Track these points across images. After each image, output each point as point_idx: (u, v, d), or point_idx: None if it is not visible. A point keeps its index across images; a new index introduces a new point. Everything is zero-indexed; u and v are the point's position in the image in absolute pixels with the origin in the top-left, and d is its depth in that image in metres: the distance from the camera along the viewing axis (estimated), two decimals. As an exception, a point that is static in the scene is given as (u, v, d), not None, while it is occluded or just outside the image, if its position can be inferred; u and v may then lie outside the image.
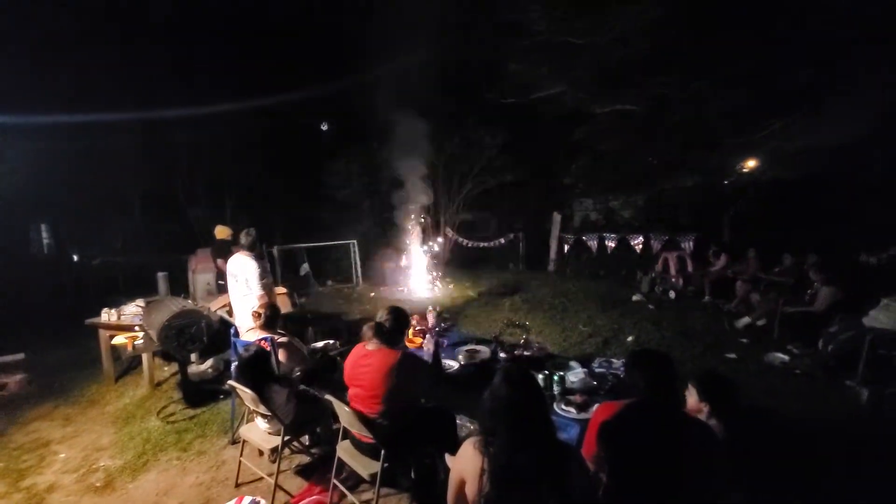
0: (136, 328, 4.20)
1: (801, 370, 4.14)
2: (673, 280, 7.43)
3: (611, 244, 9.49)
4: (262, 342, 3.05)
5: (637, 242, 9.13)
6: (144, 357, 4.27)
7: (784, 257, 6.11)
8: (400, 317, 2.56)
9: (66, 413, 4.02)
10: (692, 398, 2.05)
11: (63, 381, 4.74)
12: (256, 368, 2.78)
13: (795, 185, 8.21)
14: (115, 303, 4.72)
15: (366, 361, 2.37)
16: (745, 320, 5.32)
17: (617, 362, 3.01)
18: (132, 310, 4.55)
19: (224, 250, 5.94)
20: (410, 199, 9.42)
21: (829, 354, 4.13)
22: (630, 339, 5.26)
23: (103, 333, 4.47)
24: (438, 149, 9.85)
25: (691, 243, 8.13)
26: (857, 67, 6.57)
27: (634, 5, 6.65)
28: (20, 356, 5.45)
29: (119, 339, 4.22)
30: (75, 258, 10.89)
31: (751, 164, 8.80)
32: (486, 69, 9.44)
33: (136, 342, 4.04)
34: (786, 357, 4.39)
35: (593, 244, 9.75)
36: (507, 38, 8.07)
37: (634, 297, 7.12)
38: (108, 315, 4.47)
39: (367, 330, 2.44)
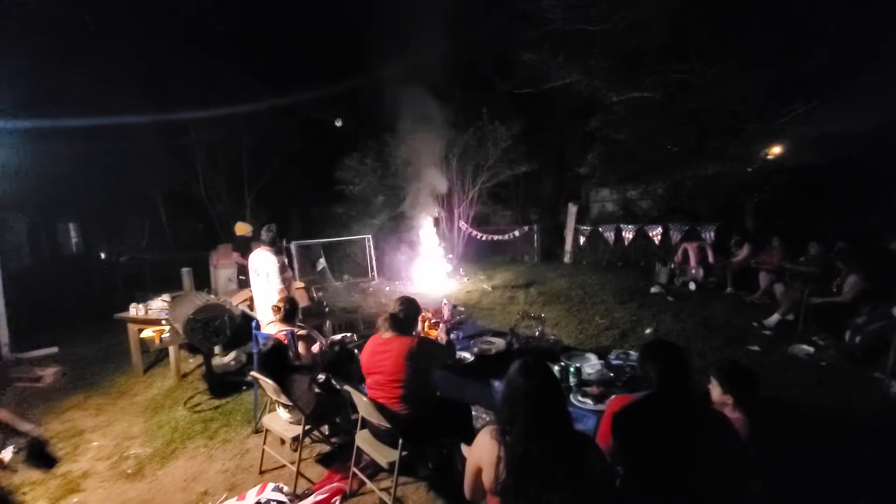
0: (163, 322, 4.34)
1: (826, 362, 4.03)
2: (693, 271, 7.27)
3: (628, 235, 9.34)
4: (281, 335, 3.12)
5: (656, 233, 8.96)
6: (171, 350, 4.43)
7: (810, 246, 5.90)
8: (411, 306, 2.64)
9: (99, 403, 4.20)
10: (716, 391, 2.04)
11: (95, 373, 4.96)
12: (276, 361, 2.86)
13: (821, 172, 7.91)
14: (143, 298, 4.90)
15: (384, 348, 2.43)
16: (775, 318, 5.05)
17: (634, 354, 2.97)
18: (158, 304, 4.71)
19: (244, 246, 6.09)
20: (424, 192, 9.44)
21: (856, 346, 4.01)
22: (648, 331, 5.20)
23: (132, 327, 4.65)
24: (452, 141, 9.83)
25: (712, 233, 7.94)
26: (881, 49, 6.25)
27: None
28: (54, 350, 5.70)
29: (147, 333, 4.37)
30: (103, 256, 11.27)
31: (775, 150, 8.51)
32: (499, 60, 9.34)
33: (163, 335, 4.19)
34: (811, 349, 4.27)
35: (610, 235, 9.61)
36: (521, 27, 7.95)
37: (653, 289, 7.01)
38: (136, 310, 4.64)
39: (381, 322, 2.51)
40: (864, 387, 3.59)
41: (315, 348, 3.11)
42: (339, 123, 11.21)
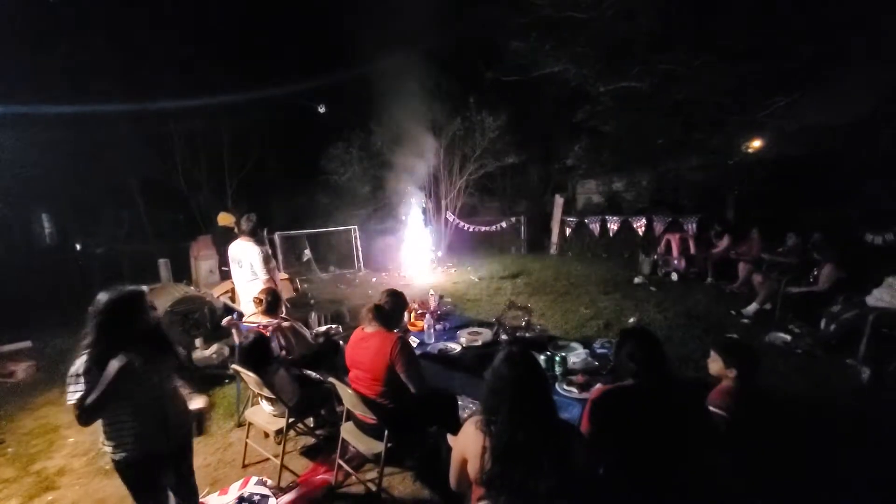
0: (140, 315, 4.21)
1: (802, 349, 4.14)
2: (675, 262, 7.40)
3: (613, 226, 9.44)
4: (262, 328, 3.06)
5: (640, 224, 9.07)
6: (149, 343, 4.31)
7: (788, 237, 6.04)
8: (398, 300, 2.59)
9: (75, 398, 4.08)
10: (716, 365, 2.09)
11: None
12: (258, 354, 2.80)
13: (800, 164, 8.09)
14: (119, 290, 4.74)
15: (365, 343, 2.39)
16: (753, 307, 5.17)
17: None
18: (135, 297, 4.57)
19: (227, 237, 5.95)
20: (411, 183, 9.36)
21: (830, 334, 4.13)
22: (632, 320, 5.27)
23: (108, 320, 4.51)
24: (439, 131, 9.74)
25: (694, 225, 8.07)
26: (861, 44, 6.39)
27: None
28: (27, 344, 5.52)
29: (123, 326, 4.24)
30: (78, 247, 10.91)
31: (756, 143, 8.67)
32: (487, 47, 9.25)
33: (140, 328, 4.07)
34: (787, 337, 4.38)
35: (595, 227, 9.70)
36: (509, 13, 7.88)
37: (636, 280, 7.11)
38: (111, 302, 4.49)
39: (366, 313, 2.46)
40: (837, 373, 3.71)
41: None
42: (322, 109, 10.98)
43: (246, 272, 3.82)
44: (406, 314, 3.37)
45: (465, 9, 9.03)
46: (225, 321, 2.83)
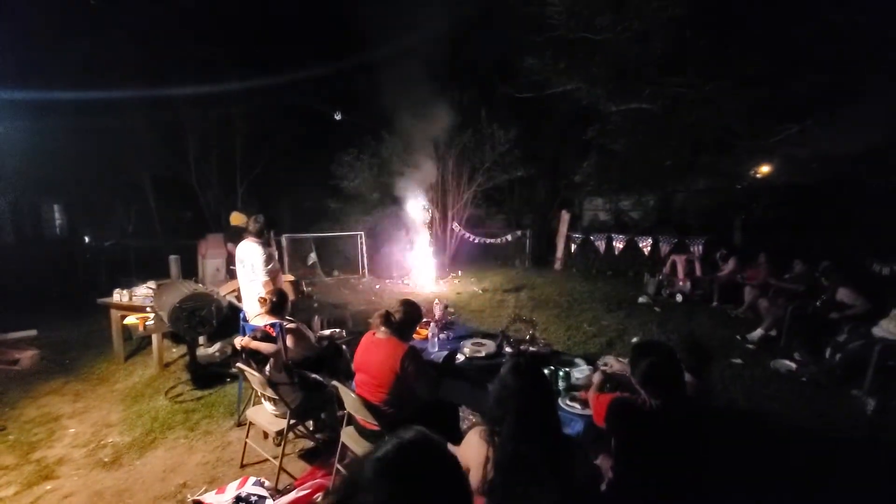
0: (148, 309, 4.26)
1: (807, 378, 4.11)
2: (680, 283, 7.36)
3: (619, 245, 9.43)
4: (269, 328, 3.08)
5: (646, 244, 9.06)
6: (154, 338, 4.34)
7: (795, 263, 6.02)
8: (411, 310, 2.53)
9: (77, 389, 4.11)
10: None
11: (74, 359, 4.84)
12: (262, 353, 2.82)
13: (809, 191, 8.10)
14: (127, 284, 4.80)
15: (374, 349, 2.40)
16: (758, 333, 5.13)
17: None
18: (144, 291, 4.63)
19: (237, 237, 6.01)
20: (419, 192, 9.43)
21: (836, 363, 4.09)
22: (634, 340, 5.24)
23: (115, 313, 4.56)
24: (450, 142, 9.83)
25: (701, 247, 8.06)
26: (872, 74, 6.45)
27: (655, 1, 6.56)
28: (32, 333, 5.56)
29: (130, 320, 4.29)
30: (87, 240, 11.03)
31: (764, 169, 8.70)
32: (501, 63, 9.38)
33: (147, 323, 4.11)
34: (792, 365, 4.35)
35: (601, 244, 9.69)
36: (524, 31, 8.02)
37: (640, 299, 7.08)
38: (120, 295, 4.55)
39: (376, 318, 2.45)
40: (842, 404, 3.67)
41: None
42: (338, 117, 11.13)
43: (248, 272, 3.86)
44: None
45: (482, 25, 9.18)
46: (239, 342, 2.89)
